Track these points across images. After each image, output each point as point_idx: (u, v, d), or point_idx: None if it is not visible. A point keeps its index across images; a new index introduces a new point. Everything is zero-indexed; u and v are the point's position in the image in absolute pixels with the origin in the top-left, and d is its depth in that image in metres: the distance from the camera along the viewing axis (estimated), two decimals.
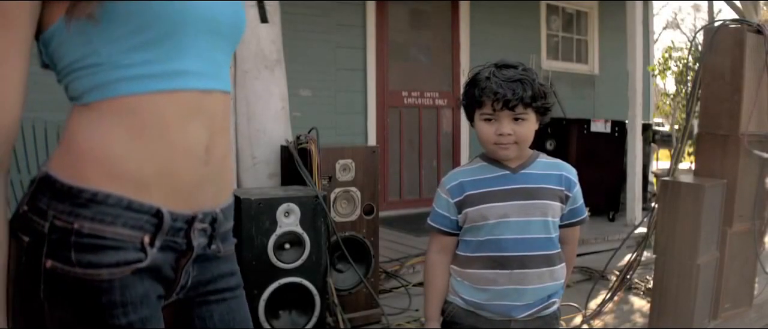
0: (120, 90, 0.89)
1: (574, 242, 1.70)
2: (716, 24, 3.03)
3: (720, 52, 2.95)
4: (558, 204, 1.57)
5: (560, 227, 1.61)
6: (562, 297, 1.67)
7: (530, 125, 1.54)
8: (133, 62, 0.89)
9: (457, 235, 1.61)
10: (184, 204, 0.94)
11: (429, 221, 1.64)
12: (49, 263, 0.86)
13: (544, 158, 1.63)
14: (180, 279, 0.98)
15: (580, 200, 1.63)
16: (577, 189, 1.62)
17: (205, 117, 0.95)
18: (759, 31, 2.98)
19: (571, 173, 1.62)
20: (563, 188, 1.58)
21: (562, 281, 1.63)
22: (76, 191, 0.87)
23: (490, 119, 1.53)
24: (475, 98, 1.53)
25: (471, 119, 1.60)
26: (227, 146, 1.02)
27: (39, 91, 4.81)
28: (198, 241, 0.98)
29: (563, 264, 1.62)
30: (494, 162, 1.60)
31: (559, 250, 1.59)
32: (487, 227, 1.55)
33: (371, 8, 5.75)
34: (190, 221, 0.96)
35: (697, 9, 25.53)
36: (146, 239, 0.91)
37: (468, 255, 1.60)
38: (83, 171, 0.87)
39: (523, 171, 1.58)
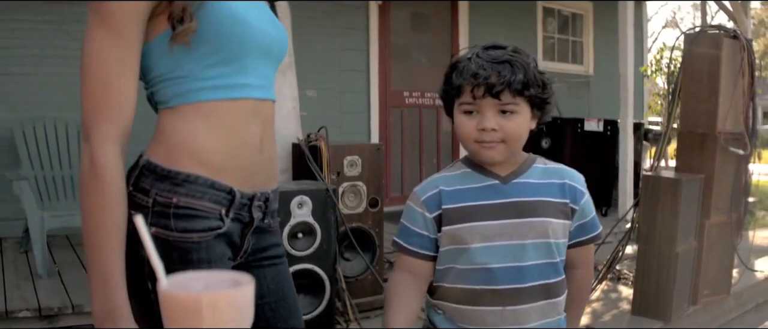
0: (200, 97, 1.13)
1: (588, 264, 1.38)
2: (696, 30, 3.27)
3: (699, 57, 3.19)
4: (561, 221, 1.26)
5: (577, 244, 1.31)
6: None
7: (522, 120, 1.23)
8: (210, 76, 1.13)
9: (434, 259, 1.29)
10: (246, 185, 1.19)
11: (397, 240, 1.31)
12: (153, 229, 1.09)
13: (542, 164, 1.32)
14: (244, 245, 1.23)
15: (591, 213, 1.32)
16: (586, 200, 1.30)
17: (259, 119, 1.20)
18: (735, 36, 3.22)
19: (576, 180, 1.31)
20: (567, 201, 1.28)
21: (564, 314, 1.33)
22: (173, 174, 1.11)
23: (470, 111, 1.23)
24: (452, 85, 1.24)
25: (450, 112, 1.29)
26: (274, 141, 1.28)
27: (63, 92, 5.08)
28: (256, 215, 1.23)
29: (566, 292, 1.31)
30: (480, 169, 1.29)
31: (564, 277, 1.30)
32: (469, 254, 1.25)
33: (374, 12, 5.99)
34: (251, 198, 1.20)
35: (696, 8, 25.77)
36: (223, 211, 1.16)
37: (447, 285, 1.29)
38: (177, 159, 1.12)
39: (515, 181, 1.27)
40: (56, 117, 4.39)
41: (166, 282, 0.66)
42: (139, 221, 0.69)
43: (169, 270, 1.11)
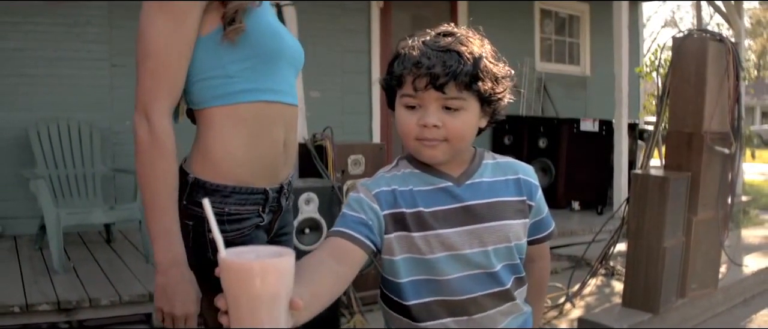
0: (235, 99, 1.30)
1: (546, 256, 1.33)
2: (683, 34, 3.42)
3: (686, 59, 3.32)
4: (520, 221, 1.19)
5: (531, 242, 1.24)
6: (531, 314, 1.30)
7: (469, 117, 1.11)
8: (247, 78, 1.30)
9: (368, 253, 1.12)
10: (274, 181, 1.39)
11: (335, 228, 1.12)
12: (210, 235, 1.25)
13: (491, 159, 1.22)
14: (274, 227, 1.44)
15: (545, 209, 1.26)
16: (540, 195, 1.23)
17: (284, 122, 1.38)
18: (721, 40, 3.36)
19: (530, 174, 1.23)
20: (525, 198, 1.20)
21: (528, 309, 1.27)
22: (221, 188, 1.30)
23: (412, 106, 1.11)
24: (393, 74, 1.12)
25: (392, 105, 1.17)
26: (296, 142, 1.47)
27: (75, 93, 5.24)
28: (283, 203, 1.43)
29: (526, 286, 1.26)
30: (428, 169, 1.17)
31: (524, 274, 1.24)
32: (426, 264, 1.14)
33: (375, 14, 6.15)
34: (279, 190, 1.40)
35: (696, 8, 25.86)
36: (260, 209, 1.36)
37: (404, 302, 1.17)
38: (221, 173, 1.30)
39: (469, 182, 1.17)
40: (69, 117, 4.54)
41: (225, 253, 0.83)
42: (206, 203, 0.89)
43: None
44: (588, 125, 6.11)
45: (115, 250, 4.30)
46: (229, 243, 1.27)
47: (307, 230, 2.96)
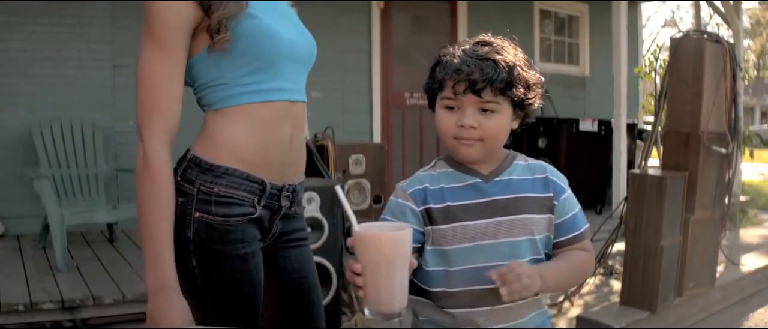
0: (240, 101, 1.32)
1: (586, 248, 1.32)
2: (681, 34, 3.45)
3: (683, 59, 3.35)
4: (545, 217, 1.28)
5: (558, 244, 1.30)
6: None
7: (502, 119, 1.23)
8: (248, 82, 1.31)
9: (415, 251, 1.24)
10: (277, 178, 1.37)
11: None
12: (197, 214, 1.29)
13: (523, 161, 1.33)
14: (272, 229, 1.42)
15: (576, 207, 1.32)
16: (568, 196, 1.31)
17: (290, 119, 1.38)
18: (718, 40, 3.39)
19: (557, 176, 1.32)
20: (551, 194, 1.29)
21: (546, 307, 1.36)
22: (215, 167, 1.30)
23: (451, 107, 1.23)
24: (435, 78, 1.26)
25: (433, 106, 1.30)
26: (303, 139, 1.46)
27: (79, 93, 5.27)
28: (284, 204, 1.41)
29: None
30: (461, 167, 1.30)
31: None
32: (457, 254, 1.25)
33: (376, 15, 6.18)
34: (280, 189, 1.39)
35: (695, 8, 25.82)
36: (256, 199, 1.34)
37: (433, 290, 1.28)
38: (219, 155, 1.31)
39: (497, 179, 1.28)
40: (73, 117, 4.57)
41: (358, 227, 1.07)
42: (338, 190, 1.07)
43: (211, 247, 1.33)
44: (587, 125, 6.14)
45: (117, 249, 4.33)
46: (212, 229, 1.29)
47: (308, 230, 2.99)
